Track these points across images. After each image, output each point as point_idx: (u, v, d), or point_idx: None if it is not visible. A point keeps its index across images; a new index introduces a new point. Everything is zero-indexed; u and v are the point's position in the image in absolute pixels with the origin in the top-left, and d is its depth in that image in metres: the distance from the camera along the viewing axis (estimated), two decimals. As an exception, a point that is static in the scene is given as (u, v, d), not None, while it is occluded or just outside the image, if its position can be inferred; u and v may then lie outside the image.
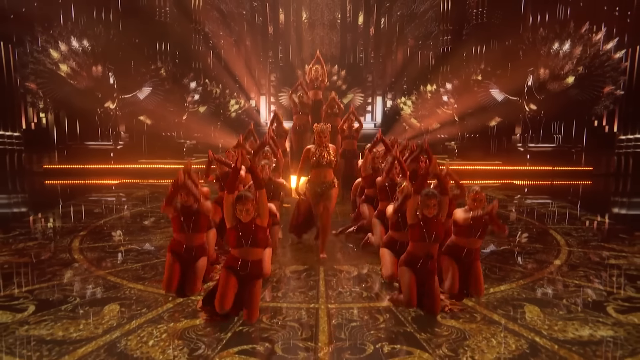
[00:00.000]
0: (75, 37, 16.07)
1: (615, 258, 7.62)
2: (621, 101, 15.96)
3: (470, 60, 19.63)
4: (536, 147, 17.78)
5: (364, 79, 23.98)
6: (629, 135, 15.80)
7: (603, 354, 4.63)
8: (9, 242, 8.22)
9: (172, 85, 18.48)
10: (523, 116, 17.79)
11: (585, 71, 15.93)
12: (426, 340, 4.82)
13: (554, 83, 16.39)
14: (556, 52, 16.27)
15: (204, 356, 4.49)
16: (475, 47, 19.95)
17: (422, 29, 22.53)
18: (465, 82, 18.89)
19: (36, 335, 4.85)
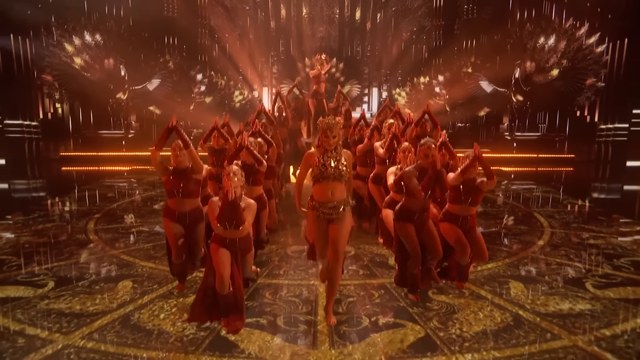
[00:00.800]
0: (88, 32, 16.01)
1: (594, 238, 7.68)
2: (602, 93, 15.94)
3: (461, 54, 19.54)
4: (522, 136, 17.78)
5: (361, 71, 23.88)
6: (608, 124, 15.80)
7: (581, 325, 4.69)
8: (29, 223, 8.27)
9: (180, 77, 18.42)
10: (510, 106, 17.77)
11: (569, 64, 15.88)
12: (418, 314, 4.89)
13: (539, 75, 16.36)
14: (542, 46, 16.21)
15: (211, 328, 4.56)
16: (465, 41, 19.84)
17: (415, 23, 22.37)
18: (456, 75, 18.83)
19: (56, 309, 4.92)
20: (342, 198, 4.54)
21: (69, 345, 4.23)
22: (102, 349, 4.18)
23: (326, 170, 4.44)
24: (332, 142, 4.43)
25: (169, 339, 4.36)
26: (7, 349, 4.16)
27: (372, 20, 23.68)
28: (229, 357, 4.06)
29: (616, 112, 15.59)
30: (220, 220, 4.51)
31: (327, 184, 4.46)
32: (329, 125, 4.41)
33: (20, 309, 4.90)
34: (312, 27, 23.63)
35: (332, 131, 4.40)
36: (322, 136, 4.47)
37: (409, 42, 22.41)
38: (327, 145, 4.44)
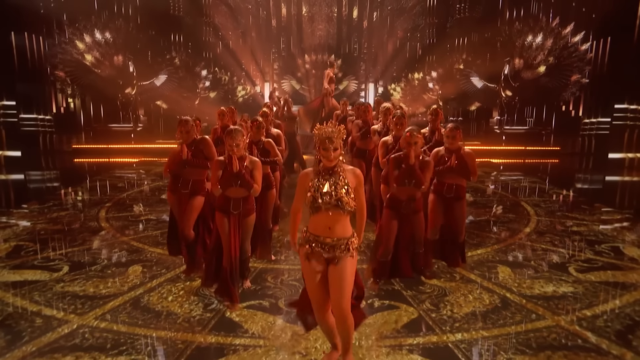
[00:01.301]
0: (99, 30, 15.93)
1: (577, 226, 7.71)
2: (586, 89, 15.92)
3: (453, 51, 19.47)
4: (511, 129, 17.74)
5: (358, 68, 23.82)
6: (592, 119, 15.77)
7: (564, 306, 4.73)
8: (44, 212, 8.28)
9: (185, 73, 18.36)
10: (500, 101, 17.74)
11: (555, 61, 15.83)
12: (411, 297, 4.92)
13: (527, 72, 16.31)
14: (530, 44, 16.16)
15: (217, 310, 4.59)
16: (457, 39, 19.76)
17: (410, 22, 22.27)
18: (449, 71, 18.78)
19: (70, 291, 4.96)
20: (346, 234, 3.30)
21: (83, 325, 4.26)
22: (115, 328, 4.21)
23: (319, 197, 3.21)
24: (331, 156, 3.21)
25: (177, 320, 4.39)
26: (26, 328, 4.19)
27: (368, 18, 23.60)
28: (233, 337, 4.09)
29: (599, 107, 15.56)
30: (226, 181, 4.36)
31: (324, 214, 3.24)
32: (328, 135, 3.23)
33: (37, 292, 4.94)
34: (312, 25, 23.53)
35: (333, 141, 3.22)
36: (319, 148, 3.27)
37: (404, 39, 22.34)
38: (327, 161, 3.24)
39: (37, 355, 3.78)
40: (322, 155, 3.30)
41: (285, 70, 23.69)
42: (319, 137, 3.29)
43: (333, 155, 3.24)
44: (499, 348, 3.96)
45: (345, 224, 3.31)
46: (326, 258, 3.32)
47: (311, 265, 3.34)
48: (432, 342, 4.07)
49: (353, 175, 3.33)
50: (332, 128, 3.27)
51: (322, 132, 3.28)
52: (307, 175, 3.38)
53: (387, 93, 21.89)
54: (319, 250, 3.30)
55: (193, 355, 3.84)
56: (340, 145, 3.28)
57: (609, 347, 3.99)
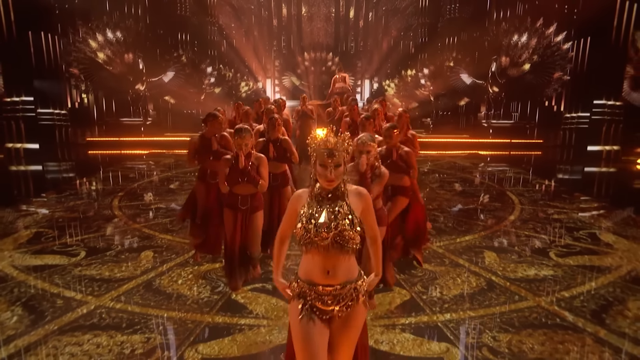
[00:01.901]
0: (110, 29, 15.85)
1: (558, 214, 7.74)
2: (567, 85, 15.89)
3: (444, 49, 19.43)
4: (497, 123, 17.72)
5: (354, 65, 23.79)
6: (572, 113, 15.77)
7: (544, 288, 4.78)
8: (61, 200, 8.29)
9: (192, 70, 18.30)
10: (487, 97, 17.72)
11: (539, 59, 15.77)
12: (404, 280, 4.95)
13: (513, 69, 16.28)
14: (515, 43, 16.13)
15: (223, 292, 4.62)
16: (448, 38, 19.71)
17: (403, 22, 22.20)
18: (440, 68, 18.74)
19: (88, 275, 4.99)
20: (351, 277, 2.30)
21: (100, 306, 4.30)
22: (129, 309, 4.25)
23: (312, 231, 2.21)
24: (332, 175, 2.22)
25: (187, 302, 4.42)
26: (48, 309, 4.23)
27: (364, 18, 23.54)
28: (239, 317, 4.13)
29: (579, 102, 15.55)
30: (233, 178, 4.23)
31: (321, 254, 2.23)
32: (328, 146, 2.25)
33: (57, 275, 4.97)
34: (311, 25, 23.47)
35: (334, 155, 2.23)
36: (315, 164, 2.29)
37: (398, 38, 22.28)
38: (325, 181, 2.25)
39: (58, 333, 3.82)
40: (318, 174, 2.28)
41: (285, 67, 23.65)
42: (316, 149, 2.30)
43: (334, 174, 2.24)
44: (484, 327, 4.01)
45: (350, 264, 2.30)
46: (326, 317, 2.30)
47: (307, 327, 2.25)
48: (423, 321, 4.11)
49: (358, 198, 2.34)
50: (334, 137, 2.29)
51: (320, 143, 2.29)
52: (300, 198, 2.39)
53: (382, 89, 21.87)
54: (317, 306, 2.28)
55: (202, 334, 3.87)
56: (344, 161, 2.27)
57: (584, 325, 4.05)
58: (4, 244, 5.90)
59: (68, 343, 3.68)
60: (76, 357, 3.50)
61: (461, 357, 3.60)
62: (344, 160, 2.28)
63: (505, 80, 16.69)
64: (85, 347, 3.63)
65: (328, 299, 2.26)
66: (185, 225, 6.77)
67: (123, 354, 3.56)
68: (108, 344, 3.68)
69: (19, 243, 5.97)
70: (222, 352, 3.62)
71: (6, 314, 4.15)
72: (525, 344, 3.75)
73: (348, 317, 2.29)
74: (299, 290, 2.33)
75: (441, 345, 3.74)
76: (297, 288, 2.35)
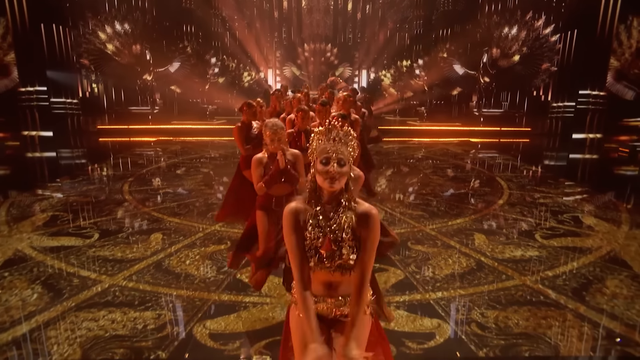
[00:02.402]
0: (118, 22, 15.73)
1: (544, 198, 7.77)
2: (554, 76, 15.84)
3: (438, 41, 19.30)
4: (488, 112, 17.68)
5: (352, 55, 23.62)
6: (559, 103, 15.74)
7: (530, 268, 4.83)
8: (75, 185, 8.31)
9: (197, 60, 18.18)
10: (478, 87, 17.65)
11: (528, 51, 15.70)
12: (399, 261, 4.99)
13: (503, 60, 16.20)
14: (505, 36, 16.03)
15: (228, 272, 4.63)
16: (442, 30, 19.58)
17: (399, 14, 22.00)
18: (434, 59, 18.65)
19: (101, 256, 5.03)
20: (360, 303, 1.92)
21: (114, 284, 4.35)
22: (140, 288, 4.29)
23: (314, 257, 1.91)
24: (335, 175, 1.84)
25: (194, 281, 4.46)
26: (66, 287, 4.29)
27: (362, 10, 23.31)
28: (244, 295, 4.17)
29: (565, 92, 15.50)
30: (271, 179, 3.55)
31: (323, 272, 1.96)
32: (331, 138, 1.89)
33: (73, 255, 5.02)
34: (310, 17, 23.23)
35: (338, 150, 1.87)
36: (315, 163, 1.90)
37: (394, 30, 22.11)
38: (327, 184, 1.86)
39: (75, 310, 3.88)
40: (319, 173, 1.87)
41: (286, 57, 23.49)
42: (317, 144, 1.91)
43: (337, 172, 1.84)
44: (473, 304, 4.07)
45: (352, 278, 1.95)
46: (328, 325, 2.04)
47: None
48: (416, 299, 4.16)
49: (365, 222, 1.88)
50: (339, 130, 1.90)
51: (321, 136, 1.91)
52: (295, 214, 1.93)
53: (379, 79, 21.78)
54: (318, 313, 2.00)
55: (209, 311, 3.93)
56: (349, 160, 1.89)
57: (566, 302, 4.11)
58: (22, 227, 5.94)
59: (85, 319, 3.73)
60: (93, 331, 3.56)
61: (451, 332, 3.66)
62: (349, 159, 1.89)
63: (495, 70, 16.63)
64: (100, 323, 3.68)
65: (330, 309, 2.02)
66: (192, 209, 6.83)
67: (136, 329, 3.62)
68: (122, 319, 3.74)
69: (36, 225, 6.00)
70: (228, 327, 3.68)
71: (27, 291, 4.20)
72: (511, 319, 3.81)
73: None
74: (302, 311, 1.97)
75: (433, 321, 3.79)
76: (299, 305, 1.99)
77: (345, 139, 1.89)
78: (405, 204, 7.40)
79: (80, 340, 3.45)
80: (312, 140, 1.94)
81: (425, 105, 19.59)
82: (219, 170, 9.98)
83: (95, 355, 3.27)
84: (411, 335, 3.58)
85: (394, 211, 6.86)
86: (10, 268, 4.69)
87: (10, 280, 4.41)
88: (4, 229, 5.86)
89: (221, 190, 8.37)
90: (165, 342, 3.45)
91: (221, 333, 3.60)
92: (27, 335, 3.52)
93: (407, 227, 6.13)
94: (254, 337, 3.54)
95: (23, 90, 13.89)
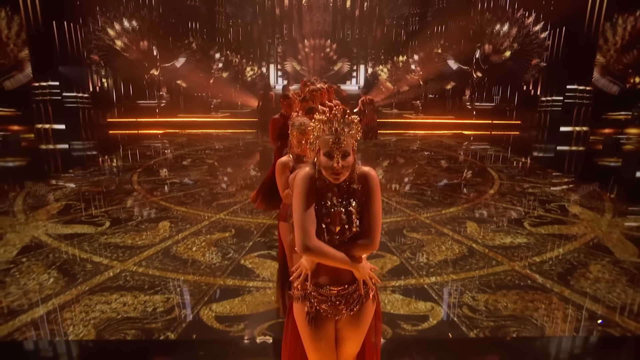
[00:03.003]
0: (127, 19, 15.62)
1: (533, 188, 7.79)
2: (543, 71, 15.79)
3: (433, 37, 19.16)
4: (480, 105, 17.61)
5: (351, 51, 23.49)
6: (547, 97, 15.70)
7: (518, 254, 4.87)
8: (87, 176, 8.32)
9: (201, 55, 18.05)
10: (471, 81, 17.56)
11: (519, 47, 15.61)
12: (395, 247, 5.03)
13: (495, 56, 16.10)
14: (497, 32, 15.94)
15: (233, 258, 4.68)
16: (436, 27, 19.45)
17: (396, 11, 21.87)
18: (429, 54, 18.51)
19: (112, 242, 5.06)
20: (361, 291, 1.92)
21: (125, 270, 4.39)
22: (150, 273, 4.33)
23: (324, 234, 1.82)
24: (339, 168, 1.75)
25: (200, 266, 4.49)
26: (80, 272, 4.33)
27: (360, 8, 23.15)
28: (247, 280, 4.21)
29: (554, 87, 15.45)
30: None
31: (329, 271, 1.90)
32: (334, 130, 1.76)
33: (86, 242, 5.05)
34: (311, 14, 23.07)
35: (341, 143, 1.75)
36: (319, 154, 1.79)
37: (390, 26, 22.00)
38: (332, 176, 1.78)
39: (89, 293, 3.92)
40: (323, 166, 1.78)
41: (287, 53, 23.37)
42: (319, 132, 1.79)
43: (342, 164, 1.75)
44: (465, 288, 4.11)
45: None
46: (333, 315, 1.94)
47: (315, 329, 1.93)
48: (411, 284, 4.20)
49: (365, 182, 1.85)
50: (341, 119, 1.77)
51: (323, 125, 1.78)
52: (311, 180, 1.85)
53: (376, 73, 21.70)
54: (325, 308, 1.92)
55: (215, 295, 3.96)
56: (353, 149, 1.79)
57: (552, 286, 4.15)
58: (38, 215, 5.97)
59: (98, 302, 3.77)
60: (106, 313, 3.60)
61: (444, 314, 3.70)
62: (353, 148, 1.79)
63: (487, 66, 16.55)
64: (113, 305, 3.72)
65: (336, 299, 1.90)
66: (197, 199, 6.85)
67: (146, 311, 3.66)
68: (133, 302, 3.78)
69: (51, 214, 6.03)
70: (232, 310, 3.72)
71: (44, 276, 4.24)
72: (500, 302, 3.86)
73: (357, 315, 1.94)
74: (304, 293, 1.94)
75: (427, 304, 3.84)
76: (301, 290, 1.94)
77: (349, 127, 1.77)
78: (401, 194, 7.42)
79: (94, 321, 3.49)
80: (313, 129, 1.81)
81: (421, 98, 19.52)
82: (223, 162, 9.99)
83: (108, 336, 3.32)
84: (406, 318, 3.63)
85: (390, 200, 6.89)
86: (27, 254, 4.72)
87: (28, 266, 4.45)
88: (21, 217, 5.89)
89: (225, 180, 8.40)
90: (173, 324, 3.49)
91: (226, 316, 3.64)
92: (45, 316, 3.56)
93: (402, 216, 6.15)
94: (257, 320, 3.58)
95: (36, 85, 13.83)
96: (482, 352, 3.35)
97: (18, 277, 4.21)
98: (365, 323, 1.97)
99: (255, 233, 5.38)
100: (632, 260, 4.75)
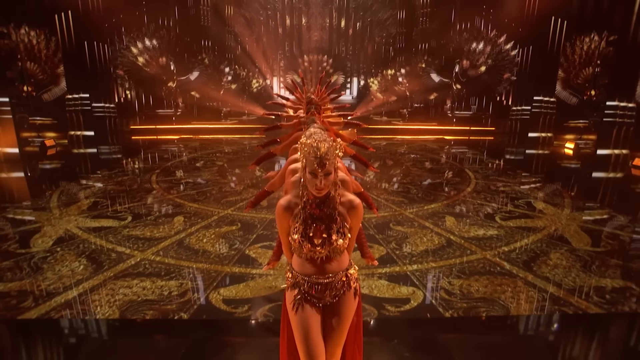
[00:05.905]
0: (148, 38, 15.67)
1: (504, 186, 7.80)
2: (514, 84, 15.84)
3: (418, 53, 19.19)
4: (460, 114, 17.60)
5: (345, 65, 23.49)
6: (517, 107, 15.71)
7: (490, 245, 4.90)
8: (112, 176, 8.34)
9: (213, 70, 18.07)
10: (452, 92, 17.60)
11: (492, 63, 15.71)
12: (382, 239, 5.05)
13: (472, 70, 16.15)
14: (474, 50, 16.02)
15: (239, 249, 4.70)
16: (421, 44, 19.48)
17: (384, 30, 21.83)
18: (414, 69, 18.57)
19: (134, 235, 5.09)
20: (342, 267, 1.97)
21: (144, 259, 4.42)
22: (166, 261, 4.36)
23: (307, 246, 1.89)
24: (321, 184, 1.80)
25: (210, 256, 4.52)
26: (105, 260, 4.36)
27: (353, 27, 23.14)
28: (251, 268, 4.23)
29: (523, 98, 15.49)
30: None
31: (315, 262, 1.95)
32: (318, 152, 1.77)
33: (111, 234, 5.08)
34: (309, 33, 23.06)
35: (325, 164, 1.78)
36: (305, 171, 1.83)
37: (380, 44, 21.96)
38: (315, 190, 1.83)
39: (114, 279, 3.96)
40: (307, 182, 1.83)
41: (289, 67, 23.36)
42: (306, 154, 1.80)
43: (324, 182, 1.79)
44: (443, 275, 4.14)
45: (342, 257, 1.96)
46: (320, 301, 1.97)
47: (304, 314, 1.94)
48: (395, 271, 4.23)
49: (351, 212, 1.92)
50: (325, 144, 1.79)
51: (310, 148, 1.79)
52: (287, 210, 1.92)
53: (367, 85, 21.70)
54: (312, 294, 1.95)
55: (223, 281, 3.99)
56: (335, 168, 1.83)
57: (517, 272, 4.20)
58: (70, 210, 5.99)
59: (121, 286, 3.81)
60: (128, 296, 3.63)
61: (424, 297, 3.74)
62: (335, 167, 1.81)
63: (465, 79, 16.61)
64: (134, 289, 3.76)
65: (321, 287, 1.94)
66: (209, 196, 6.86)
67: (163, 294, 3.69)
68: (151, 287, 3.81)
69: (81, 210, 6.06)
70: (238, 294, 3.75)
71: (75, 263, 4.28)
72: (473, 286, 3.90)
73: (339, 306, 1.96)
74: (294, 281, 1.98)
75: (409, 289, 3.87)
76: (291, 278, 2.00)
77: (332, 151, 1.80)
78: (389, 192, 7.44)
79: (118, 303, 3.53)
80: (302, 149, 1.84)
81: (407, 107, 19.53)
82: (231, 164, 10.00)
83: (130, 315, 3.35)
84: (390, 301, 3.66)
85: (379, 197, 6.92)
86: (61, 244, 4.76)
87: (61, 255, 4.48)
88: (56, 212, 5.91)
89: (234, 180, 8.42)
90: (186, 306, 3.53)
91: (233, 299, 3.67)
92: (77, 298, 3.60)
93: (389, 211, 6.18)
94: (260, 302, 3.61)
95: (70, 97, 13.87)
96: (456, 330, 3.38)
97: (53, 264, 4.25)
98: (348, 312, 1.98)
99: (259, 227, 5.40)
100: (585, 249, 4.79)
